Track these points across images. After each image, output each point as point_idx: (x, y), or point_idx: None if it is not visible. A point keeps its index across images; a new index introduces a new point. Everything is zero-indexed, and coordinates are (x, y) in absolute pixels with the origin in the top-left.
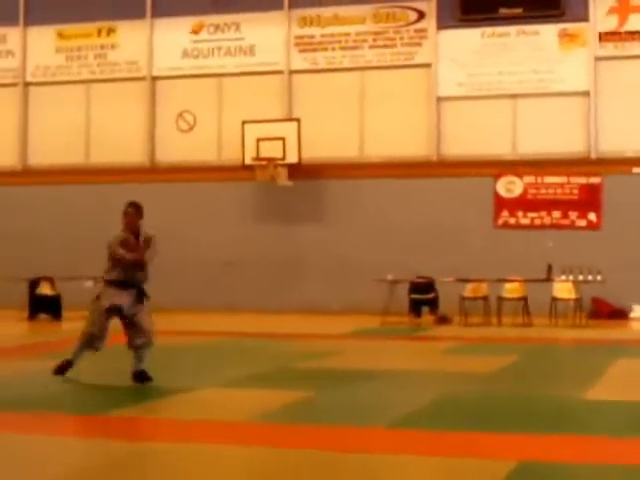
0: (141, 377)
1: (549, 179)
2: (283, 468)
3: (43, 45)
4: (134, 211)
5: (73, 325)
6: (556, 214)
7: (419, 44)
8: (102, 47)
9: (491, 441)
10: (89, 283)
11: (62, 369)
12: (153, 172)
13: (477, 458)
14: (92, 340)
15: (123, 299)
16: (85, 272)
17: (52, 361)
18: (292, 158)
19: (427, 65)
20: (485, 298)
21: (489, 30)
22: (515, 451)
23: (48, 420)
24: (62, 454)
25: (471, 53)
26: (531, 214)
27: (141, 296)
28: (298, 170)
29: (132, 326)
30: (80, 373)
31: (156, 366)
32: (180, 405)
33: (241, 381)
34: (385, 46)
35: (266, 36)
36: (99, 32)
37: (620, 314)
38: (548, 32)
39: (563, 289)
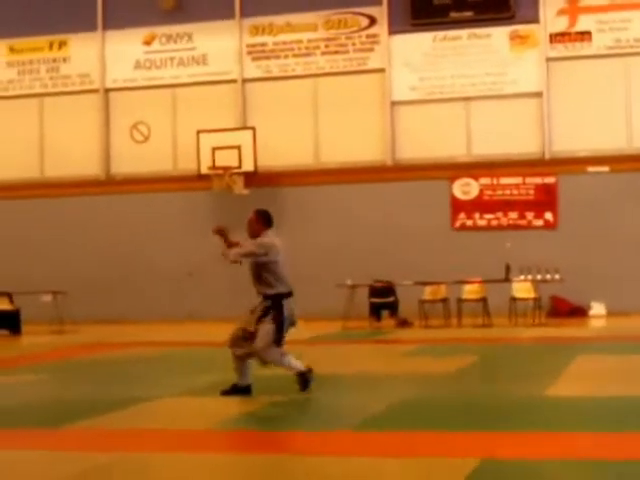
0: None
1: (504, 180)
2: (245, 474)
3: None
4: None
5: (32, 339)
6: (513, 215)
7: (371, 49)
8: (54, 60)
9: (453, 440)
10: (47, 297)
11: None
12: (109, 184)
13: (440, 457)
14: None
15: None
16: (43, 286)
17: (11, 377)
18: (248, 166)
19: (380, 70)
20: (444, 300)
21: (440, 34)
22: (477, 449)
23: (6, 435)
24: (21, 468)
25: (423, 57)
26: (488, 215)
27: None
28: (254, 178)
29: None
30: (39, 386)
31: (117, 377)
32: (140, 415)
33: (201, 389)
34: (337, 52)
35: (218, 45)
36: (51, 45)
37: (579, 312)
38: (499, 34)
39: (522, 289)
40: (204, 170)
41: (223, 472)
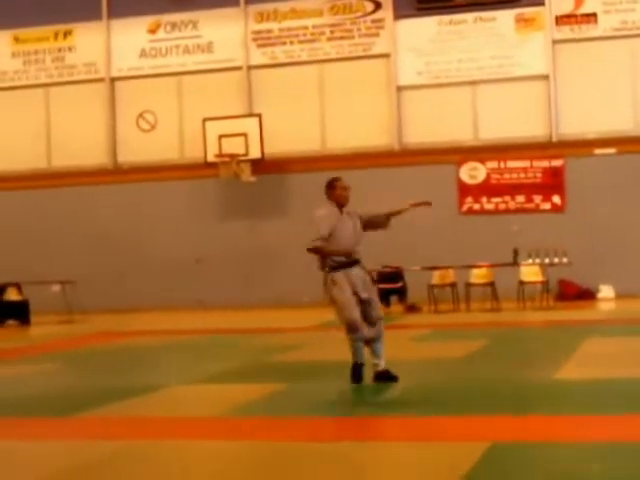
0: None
1: (512, 164)
2: (260, 460)
3: None
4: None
5: (41, 330)
6: (520, 198)
7: (377, 34)
8: (59, 50)
9: (465, 424)
10: (56, 287)
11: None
12: (116, 173)
13: (451, 441)
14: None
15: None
16: (51, 276)
17: (20, 367)
18: (255, 153)
19: (386, 55)
20: (453, 285)
21: (446, 18)
22: (489, 432)
23: (22, 425)
24: (37, 458)
25: (429, 41)
26: (495, 199)
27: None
28: (261, 165)
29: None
30: (49, 376)
31: (127, 365)
32: (151, 403)
33: (214, 377)
34: (343, 38)
35: (224, 32)
36: (56, 35)
37: (587, 295)
38: (505, 17)
39: (530, 272)
40: (211, 158)
41: (234, 459)
